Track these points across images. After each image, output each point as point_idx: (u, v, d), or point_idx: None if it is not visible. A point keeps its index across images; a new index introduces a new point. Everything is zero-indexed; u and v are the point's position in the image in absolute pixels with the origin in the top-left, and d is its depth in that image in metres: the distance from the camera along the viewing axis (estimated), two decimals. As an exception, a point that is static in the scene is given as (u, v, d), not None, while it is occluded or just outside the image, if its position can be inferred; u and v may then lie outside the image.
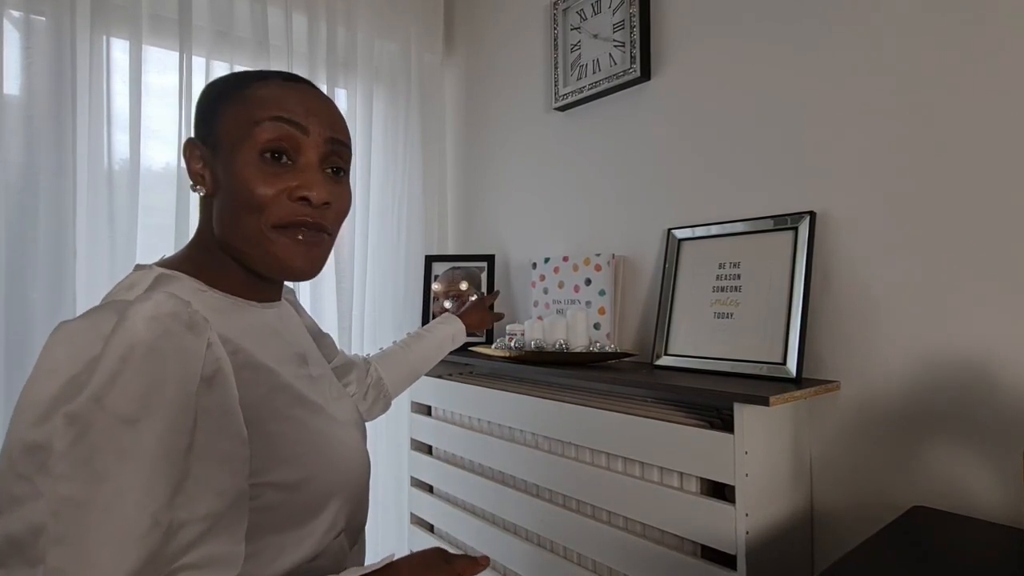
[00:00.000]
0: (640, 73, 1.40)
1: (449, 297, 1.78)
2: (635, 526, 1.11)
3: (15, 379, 1.28)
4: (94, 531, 0.43)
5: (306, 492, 0.59)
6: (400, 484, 1.80)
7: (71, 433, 0.44)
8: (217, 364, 0.52)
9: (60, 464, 0.44)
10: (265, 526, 0.56)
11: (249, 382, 0.57)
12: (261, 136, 0.58)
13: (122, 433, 0.45)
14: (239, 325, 0.61)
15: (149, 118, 1.47)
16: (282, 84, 0.61)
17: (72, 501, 0.43)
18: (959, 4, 0.96)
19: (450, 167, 2.09)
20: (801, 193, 1.15)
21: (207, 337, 0.52)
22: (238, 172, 0.58)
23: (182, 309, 0.51)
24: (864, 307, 1.06)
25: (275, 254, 0.60)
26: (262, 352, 0.61)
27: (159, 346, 0.48)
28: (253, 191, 0.58)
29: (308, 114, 0.60)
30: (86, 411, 0.45)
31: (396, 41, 1.92)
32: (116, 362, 0.46)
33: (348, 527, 0.66)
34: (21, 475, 0.44)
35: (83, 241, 1.36)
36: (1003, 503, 0.90)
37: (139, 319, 0.48)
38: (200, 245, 0.64)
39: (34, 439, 0.45)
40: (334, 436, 0.65)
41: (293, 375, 0.64)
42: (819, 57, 1.12)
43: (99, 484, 0.44)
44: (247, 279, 0.64)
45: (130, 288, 0.56)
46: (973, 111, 0.94)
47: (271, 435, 0.58)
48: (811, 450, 1.11)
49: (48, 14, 1.32)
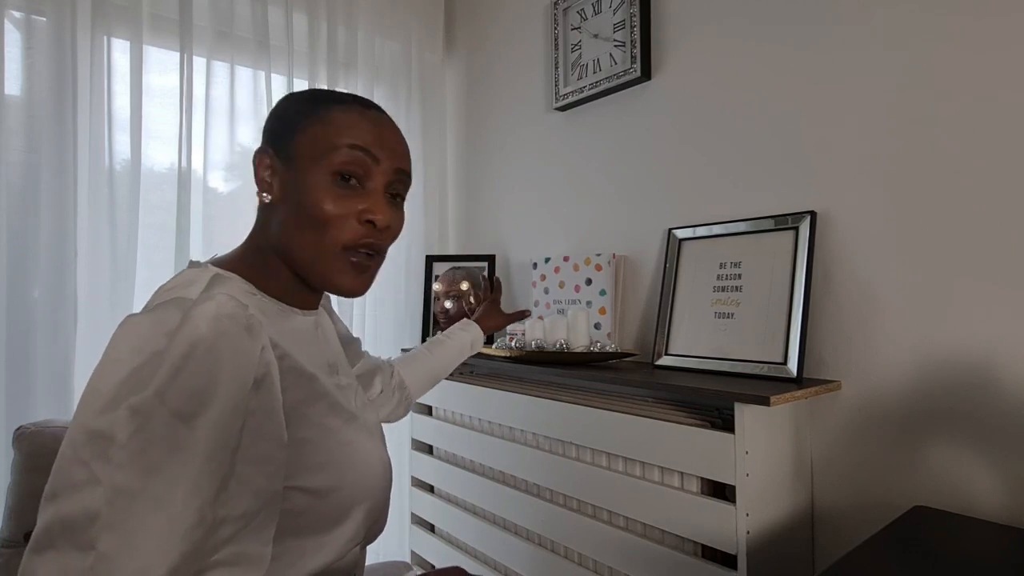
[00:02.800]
0: (640, 73, 1.40)
1: (450, 297, 1.78)
2: (636, 526, 1.11)
3: (16, 377, 1.28)
4: (143, 521, 0.45)
5: (333, 500, 0.61)
6: (401, 484, 1.80)
7: (132, 425, 0.46)
8: (267, 368, 0.54)
9: (119, 454, 0.45)
10: (289, 529, 0.57)
11: (291, 387, 0.59)
12: (337, 160, 0.62)
13: (177, 428, 0.47)
14: (285, 330, 0.63)
15: (150, 118, 1.47)
16: (360, 112, 0.65)
17: (127, 491, 0.45)
18: (959, 4, 0.96)
19: (451, 166, 2.09)
20: (802, 193, 1.15)
21: (262, 341, 0.54)
22: (311, 189, 0.61)
23: (241, 312, 0.53)
24: (865, 307, 1.06)
25: (332, 272, 0.63)
26: (303, 358, 0.63)
27: (219, 346, 0.50)
28: (323, 209, 0.61)
29: (381, 145, 0.64)
30: (148, 405, 0.46)
31: (397, 40, 1.92)
32: (179, 359, 0.48)
33: (367, 537, 0.68)
34: (82, 461, 0.46)
35: (84, 241, 1.36)
36: (1004, 503, 0.90)
37: (202, 318, 0.50)
38: (253, 248, 0.66)
39: (98, 427, 0.46)
40: (364, 448, 0.66)
41: (327, 383, 0.66)
42: (819, 57, 1.12)
43: (152, 476, 0.46)
44: (295, 286, 0.66)
45: (188, 285, 0.57)
46: (973, 111, 0.94)
47: (306, 441, 0.59)
48: (812, 450, 1.11)
49: (49, 14, 1.32)
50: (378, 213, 0.63)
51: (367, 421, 0.70)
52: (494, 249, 1.88)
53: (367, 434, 0.68)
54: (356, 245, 0.63)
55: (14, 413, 1.27)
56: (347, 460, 0.63)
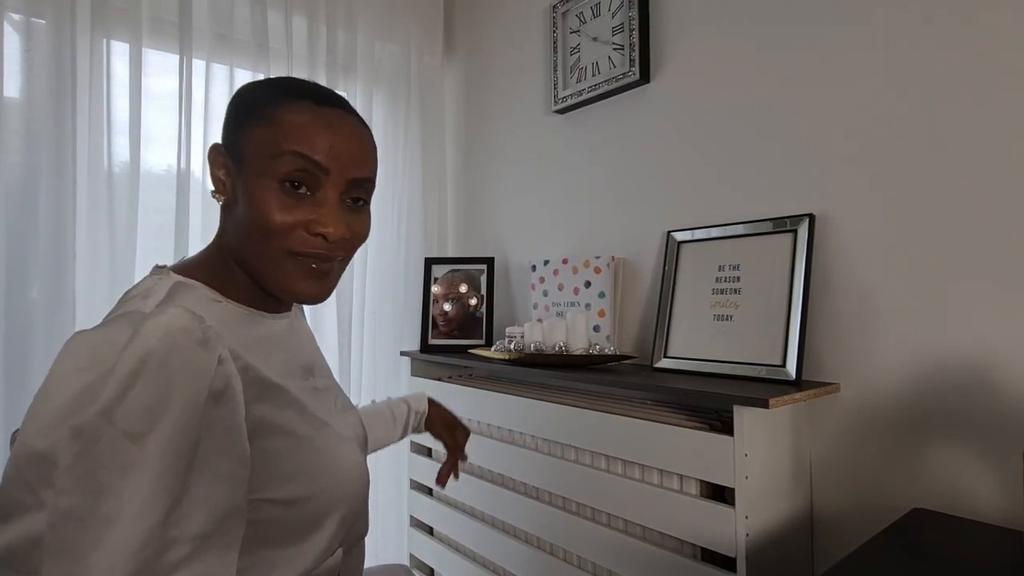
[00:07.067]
0: (639, 76, 1.41)
1: (449, 299, 1.78)
2: (635, 529, 1.11)
3: (15, 379, 1.28)
4: (90, 545, 0.43)
5: (304, 509, 0.59)
6: (400, 487, 1.80)
7: (76, 446, 0.44)
8: (227, 380, 0.52)
9: (63, 478, 0.44)
10: (258, 541, 0.56)
11: (256, 398, 0.57)
12: (282, 168, 0.58)
13: (127, 448, 0.45)
14: (251, 337, 0.61)
15: (149, 120, 1.47)
16: (312, 112, 0.59)
17: (71, 514, 0.43)
18: (958, 5, 0.96)
19: (450, 169, 2.10)
20: (800, 195, 1.15)
21: (219, 353, 0.52)
22: (258, 196, 0.58)
23: (195, 325, 0.51)
24: (863, 309, 1.06)
25: (286, 279, 0.60)
26: (271, 366, 0.61)
27: (170, 361, 0.48)
28: (270, 218, 0.58)
29: (331, 156, 0.59)
30: (93, 425, 0.45)
31: (396, 43, 1.92)
32: (127, 376, 0.46)
33: (345, 541, 0.66)
34: (26, 483, 0.45)
35: (83, 243, 1.36)
36: (1003, 505, 0.90)
37: (152, 333, 0.48)
38: (216, 252, 0.64)
39: (40, 448, 0.45)
40: (336, 454, 0.64)
41: (299, 388, 0.64)
42: (818, 59, 1.13)
43: (99, 498, 0.44)
44: (259, 291, 0.64)
45: (146, 296, 0.56)
46: (972, 112, 0.95)
47: (274, 452, 0.57)
48: (811, 452, 1.11)
49: (48, 16, 1.32)
50: (329, 225, 0.59)
51: (340, 426, 0.68)
52: (493, 252, 1.89)
53: (340, 440, 0.66)
54: (304, 254, 0.59)
55: (12, 416, 1.27)
56: (318, 469, 0.61)
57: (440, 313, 1.77)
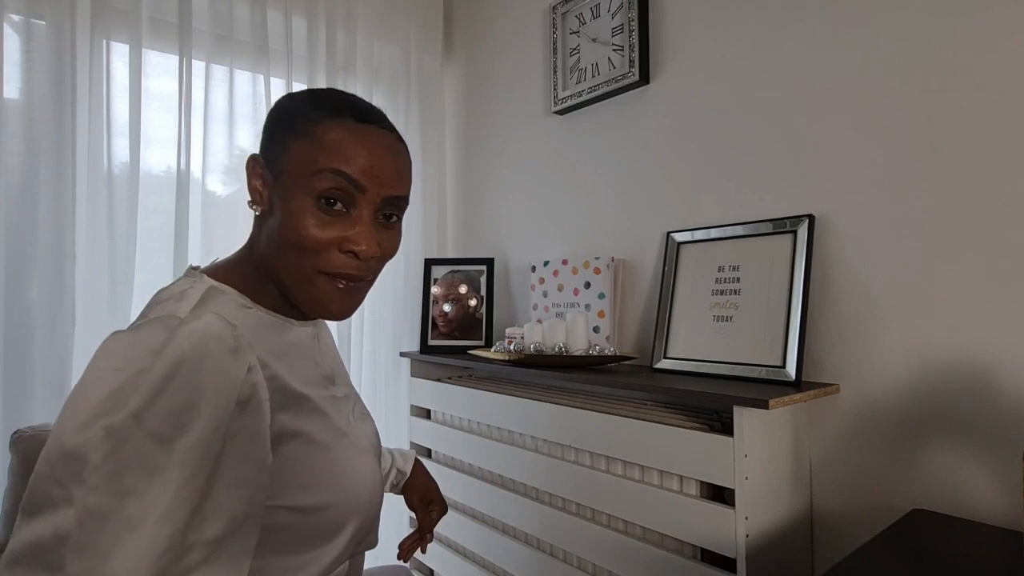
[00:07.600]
0: (639, 77, 1.41)
1: (448, 300, 1.78)
2: (635, 529, 1.11)
3: (14, 379, 1.28)
4: (112, 545, 0.44)
5: (320, 518, 0.60)
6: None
7: (107, 446, 0.45)
8: (253, 389, 0.53)
9: (93, 475, 0.45)
10: (271, 547, 0.56)
11: (280, 406, 0.58)
12: (319, 185, 0.58)
13: (155, 452, 0.46)
14: (278, 344, 0.62)
15: (149, 121, 1.47)
16: (352, 129, 0.60)
17: (98, 513, 0.44)
18: (958, 5, 0.96)
19: (449, 170, 2.10)
20: (800, 196, 1.15)
21: (248, 362, 0.53)
22: (293, 211, 0.58)
23: (228, 333, 0.52)
24: (863, 310, 1.06)
25: (315, 296, 0.61)
26: (295, 375, 0.62)
27: (203, 367, 0.49)
28: (305, 234, 0.58)
29: (368, 174, 0.59)
30: (124, 426, 0.46)
31: (396, 44, 1.92)
32: (160, 379, 0.47)
33: (356, 553, 0.67)
34: (57, 479, 0.45)
35: (82, 244, 1.36)
36: (1003, 506, 0.90)
37: (187, 339, 0.50)
38: (248, 258, 0.64)
39: (73, 445, 0.46)
40: (353, 465, 0.64)
41: (321, 397, 0.64)
42: (817, 60, 1.13)
43: (125, 499, 0.45)
44: (286, 300, 0.64)
45: (180, 299, 0.56)
46: (972, 113, 0.95)
47: (293, 460, 0.58)
48: (811, 453, 1.11)
49: (48, 18, 1.32)
50: (362, 243, 0.59)
51: (358, 436, 0.68)
52: (493, 252, 1.89)
53: (358, 450, 0.66)
54: (335, 273, 0.60)
55: (11, 417, 1.26)
56: (336, 479, 0.61)
57: (440, 314, 1.77)
